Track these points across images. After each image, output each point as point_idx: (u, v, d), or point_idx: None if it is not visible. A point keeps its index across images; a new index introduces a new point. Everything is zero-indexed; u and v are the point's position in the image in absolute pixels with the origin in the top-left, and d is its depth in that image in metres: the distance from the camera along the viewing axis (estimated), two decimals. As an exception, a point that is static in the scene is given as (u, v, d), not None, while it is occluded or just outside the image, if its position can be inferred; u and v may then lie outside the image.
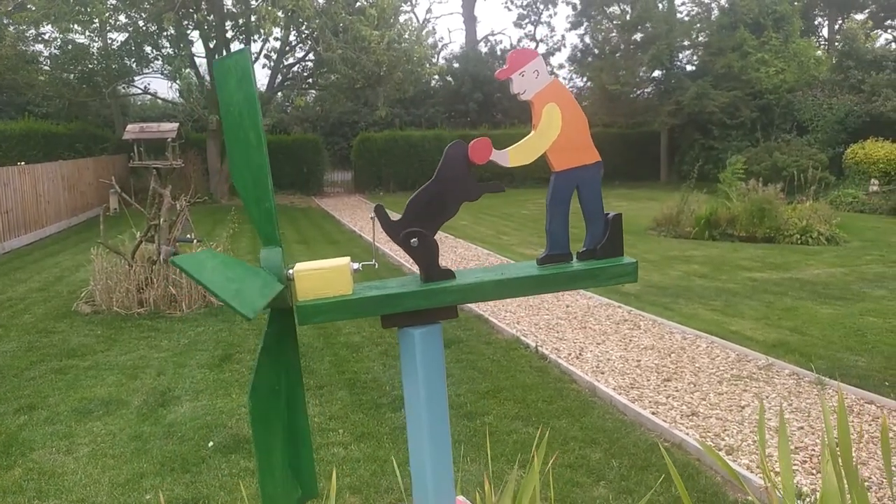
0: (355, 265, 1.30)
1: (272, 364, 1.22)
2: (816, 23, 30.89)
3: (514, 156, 1.35)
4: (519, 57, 1.34)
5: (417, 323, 1.28)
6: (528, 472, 1.51)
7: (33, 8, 15.57)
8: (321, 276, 1.24)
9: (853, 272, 8.45)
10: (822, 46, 27.52)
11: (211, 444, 3.87)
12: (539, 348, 5.46)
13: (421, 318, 1.28)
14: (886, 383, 4.60)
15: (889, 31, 32.97)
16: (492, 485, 1.70)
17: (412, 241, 1.30)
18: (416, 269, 1.37)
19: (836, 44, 22.25)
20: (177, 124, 18.12)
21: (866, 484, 3.24)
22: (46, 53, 18.43)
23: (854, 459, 1.68)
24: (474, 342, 5.70)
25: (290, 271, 1.25)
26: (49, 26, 16.48)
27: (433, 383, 1.25)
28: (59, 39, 17.84)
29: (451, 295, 1.29)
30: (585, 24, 26.40)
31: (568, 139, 1.35)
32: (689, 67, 24.05)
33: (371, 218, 1.33)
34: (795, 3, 21.78)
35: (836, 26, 29.11)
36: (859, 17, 29.32)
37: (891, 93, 18.59)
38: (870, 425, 3.95)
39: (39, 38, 17.97)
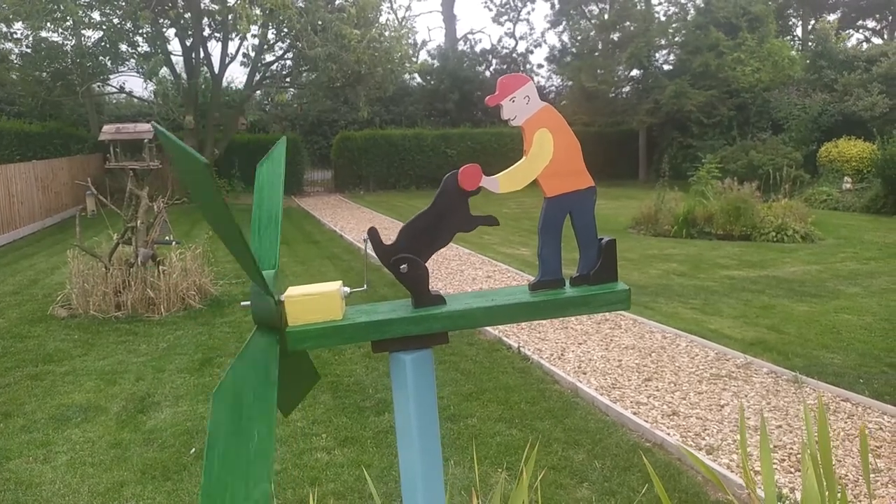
0: (346, 289, 1.30)
1: (252, 364, 1.23)
2: (790, 23, 31.37)
3: (504, 182, 1.34)
4: (509, 83, 1.33)
5: (408, 348, 1.28)
6: (517, 485, 1.53)
7: (4, 5, 15.25)
8: (312, 301, 1.23)
9: (828, 269, 8.60)
10: (795, 46, 27.93)
11: (193, 450, 3.83)
12: (521, 349, 5.49)
13: (411, 343, 1.29)
14: (861, 380, 4.69)
15: (860, 31, 33.61)
16: (478, 495, 1.71)
17: (402, 267, 1.29)
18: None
19: (810, 44, 22.61)
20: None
21: (842, 482, 3.31)
22: (17, 51, 18.05)
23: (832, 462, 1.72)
24: (457, 343, 5.70)
25: (281, 296, 1.25)
26: (20, 24, 16.14)
27: (424, 408, 1.25)
28: (30, 37, 17.49)
29: (441, 321, 1.29)
30: (564, 22, 26.55)
31: (560, 165, 1.35)
32: (666, 67, 24.29)
33: (364, 240, 1.33)
34: (769, 3, 22.07)
35: (810, 26, 29.58)
36: (831, 17, 29.86)
37: (862, 92, 18.94)
38: (845, 423, 4.03)
39: (9, 37, 17.58)
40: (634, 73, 24.52)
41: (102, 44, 17.40)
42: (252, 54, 19.67)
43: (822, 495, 1.63)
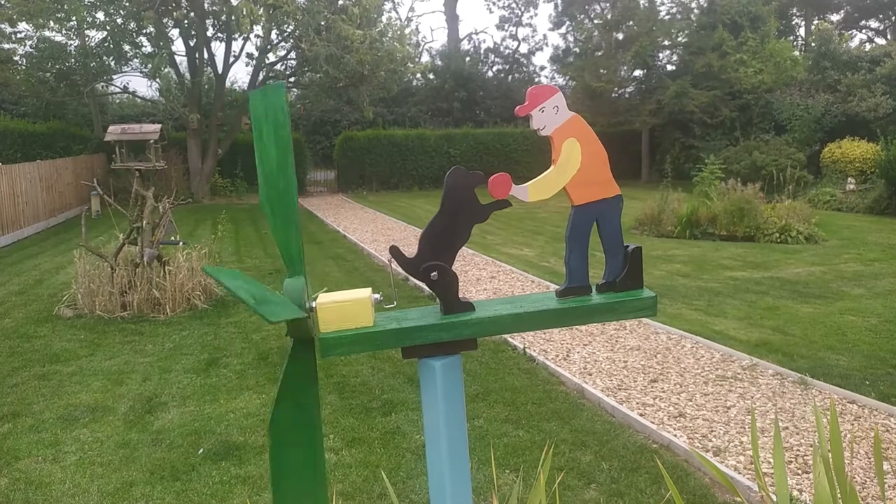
0: (376, 296, 1.32)
1: (293, 397, 1.24)
2: (794, 23, 31.34)
3: (533, 191, 1.36)
4: (538, 93, 1.35)
5: (438, 354, 1.30)
6: (534, 488, 1.54)
7: (8, 5, 15.29)
8: (344, 308, 1.25)
9: (832, 271, 8.60)
10: (798, 46, 27.89)
11: (201, 451, 3.85)
12: (527, 350, 5.50)
13: (441, 349, 1.30)
14: (867, 382, 4.70)
15: (863, 31, 33.57)
16: (496, 498, 1.72)
17: (432, 274, 1.31)
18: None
19: (812, 44, 22.58)
20: (159, 125, 17.92)
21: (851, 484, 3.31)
22: (21, 52, 18.10)
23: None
24: (462, 344, 5.70)
25: (313, 303, 1.26)
26: (24, 24, 16.18)
27: (453, 413, 1.27)
28: (34, 38, 17.54)
29: (471, 328, 1.31)
30: (567, 23, 26.54)
31: (588, 174, 1.37)
32: (669, 67, 24.28)
33: (388, 260, 1.34)
34: (772, 3, 22.04)
35: (812, 27, 29.54)
36: (834, 17, 29.83)
37: (865, 93, 18.91)
38: (852, 425, 4.03)
39: (14, 37, 17.62)
40: (637, 73, 24.50)
41: (106, 44, 17.44)
42: (256, 54, 19.69)
43: (835, 498, 1.64)
